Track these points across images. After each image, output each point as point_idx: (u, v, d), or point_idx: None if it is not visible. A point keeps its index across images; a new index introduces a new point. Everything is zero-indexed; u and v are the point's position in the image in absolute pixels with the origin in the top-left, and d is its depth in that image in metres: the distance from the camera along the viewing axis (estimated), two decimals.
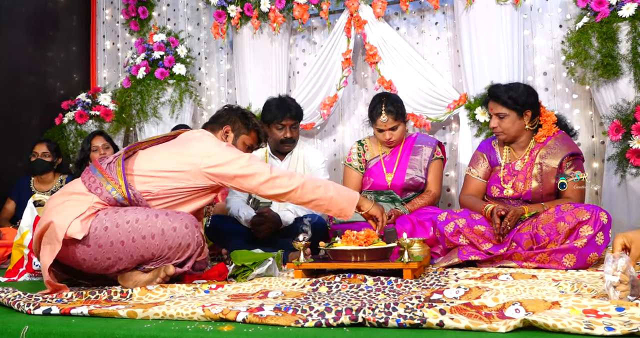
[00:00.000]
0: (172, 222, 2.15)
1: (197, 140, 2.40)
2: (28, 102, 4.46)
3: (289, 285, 2.13)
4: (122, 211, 2.17)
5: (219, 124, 2.57)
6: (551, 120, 2.75)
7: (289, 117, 3.21)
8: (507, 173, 2.79)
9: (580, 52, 3.29)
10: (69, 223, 2.09)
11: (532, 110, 2.74)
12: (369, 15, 3.85)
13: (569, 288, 1.82)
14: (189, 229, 2.17)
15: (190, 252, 2.20)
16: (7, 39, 4.32)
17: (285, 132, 3.22)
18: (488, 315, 1.44)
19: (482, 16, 3.56)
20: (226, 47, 4.56)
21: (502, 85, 2.82)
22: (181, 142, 2.44)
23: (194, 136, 2.46)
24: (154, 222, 2.13)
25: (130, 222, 2.13)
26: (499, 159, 2.85)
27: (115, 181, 2.22)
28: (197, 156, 2.29)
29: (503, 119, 2.73)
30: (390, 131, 3.15)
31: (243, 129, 2.58)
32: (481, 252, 2.52)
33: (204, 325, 1.51)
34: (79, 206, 2.16)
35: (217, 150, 2.32)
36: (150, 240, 2.13)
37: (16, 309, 1.88)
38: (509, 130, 2.74)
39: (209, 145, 2.35)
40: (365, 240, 2.29)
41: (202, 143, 2.37)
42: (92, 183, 2.24)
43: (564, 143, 2.72)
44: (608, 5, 3.21)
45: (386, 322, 1.42)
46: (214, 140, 2.42)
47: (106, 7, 5.05)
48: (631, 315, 1.36)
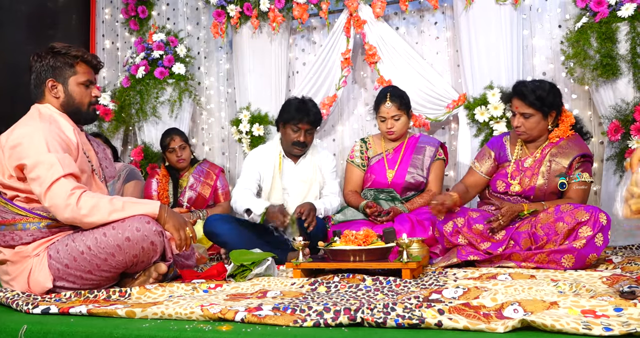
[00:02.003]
0: (122, 234, 2.05)
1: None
2: (27, 101, 4.45)
3: (288, 285, 2.13)
4: (71, 242, 2.09)
5: (40, 82, 2.24)
6: (569, 122, 2.72)
7: (306, 122, 3.16)
8: (515, 169, 2.77)
9: (579, 52, 3.29)
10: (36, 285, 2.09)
11: (557, 111, 2.71)
12: (368, 15, 3.85)
13: (568, 288, 1.82)
14: (141, 231, 2.07)
15: (160, 246, 2.14)
16: (6, 38, 4.31)
17: (299, 135, 3.17)
18: (486, 315, 1.44)
19: (481, 16, 3.56)
20: (225, 46, 4.56)
21: (528, 82, 2.73)
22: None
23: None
24: (106, 241, 2.06)
25: (85, 252, 2.06)
26: (508, 156, 2.83)
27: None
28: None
29: (528, 118, 2.67)
30: (392, 120, 3.17)
31: (67, 69, 2.24)
32: (480, 252, 2.52)
33: (202, 324, 1.51)
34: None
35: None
36: (113, 258, 2.08)
37: (15, 308, 1.88)
38: (532, 130, 2.70)
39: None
40: (364, 240, 2.29)
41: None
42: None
43: (576, 143, 2.70)
44: (607, 5, 3.21)
45: (384, 322, 1.42)
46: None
47: (106, 6, 5.04)
48: (629, 316, 1.37)
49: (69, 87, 2.24)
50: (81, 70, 2.26)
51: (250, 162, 3.30)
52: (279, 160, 3.27)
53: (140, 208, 2.12)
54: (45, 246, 2.13)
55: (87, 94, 2.29)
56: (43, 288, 2.09)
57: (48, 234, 2.14)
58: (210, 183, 3.86)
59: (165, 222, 2.16)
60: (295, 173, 3.27)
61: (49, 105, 2.25)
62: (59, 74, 2.23)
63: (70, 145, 2.17)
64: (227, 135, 4.60)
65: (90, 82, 2.29)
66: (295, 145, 3.20)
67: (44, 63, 2.22)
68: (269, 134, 4.17)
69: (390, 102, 3.16)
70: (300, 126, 3.16)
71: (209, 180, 3.87)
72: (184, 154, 3.81)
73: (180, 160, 3.81)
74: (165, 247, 2.18)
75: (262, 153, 3.32)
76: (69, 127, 2.23)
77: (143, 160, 4.38)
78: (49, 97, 2.25)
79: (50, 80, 2.23)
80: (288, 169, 3.28)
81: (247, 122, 4.15)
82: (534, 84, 2.70)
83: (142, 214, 2.10)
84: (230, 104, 4.59)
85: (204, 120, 4.70)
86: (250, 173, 3.24)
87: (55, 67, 2.23)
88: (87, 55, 2.27)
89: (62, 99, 2.25)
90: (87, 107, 2.30)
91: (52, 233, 2.15)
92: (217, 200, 3.91)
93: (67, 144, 2.15)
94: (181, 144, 3.80)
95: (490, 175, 2.87)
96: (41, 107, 2.25)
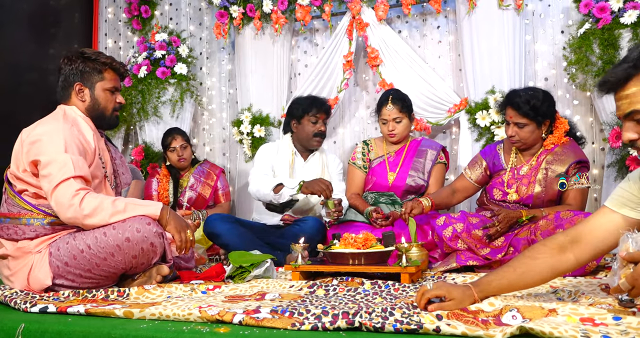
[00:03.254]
0: (122, 234, 2.06)
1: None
2: (29, 100, 4.46)
3: (287, 287, 2.13)
4: (72, 240, 2.10)
5: (67, 84, 2.31)
6: (563, 128, 2.72)
7: (323, 111, 3.30)
8: (511, 177, 2.78)
9: (581, 59, 3.29)
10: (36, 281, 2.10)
11: (551, 119, 2.71)
12: (371, 18, 3.85)
13: (567, 295, 1.81)
14: (141, 232, 2.07)
15: (160, 248, 2.15)
16: (8, 36, 4.31)
17: (319, 126, 3.29)
18: (485, 321, 1.44)
19: (484, 21, 3.56)
20: (228, 47, 4.56)
21: (522, 92, 2.71)
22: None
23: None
24: (105, 241, 2.06)
25: (84, 251, 2.07)
26: (503, 164, 2.84)
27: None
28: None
29: (522, 128, 2.68)
30: (394, 122, 3.20)
31: (95, 75, 2.31)
32: (479, 258, 2.52)
33: (200, 326, 1.51)
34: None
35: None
36: (112, 258, 2.08)
37: (13, 307, 1.88)
38: (526, 139, 2.70)
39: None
40: (364, 243, 2.29)
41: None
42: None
43: (572, 150, 2.70)
44: (610, 12, 3.21)
45: (383, 327, 1.42)
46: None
47: (109, 6, 5.04)
48: (628, 324, 1.36)
49: (95, 91, 2.31)
50: (108, 76, 2.33)
51: (264, 154, 3.37)
52: (291, 157, 3.33)
53: (142, 210, 2.13)
54: (47, 243, 2.14)
55: (112, 100, 2.36)
56: (42, 285, 2.09)
57: (51, 231, 2.15)
58: (210, 183, 3.87)
59: (167, 223, 2.17)
60: (304, 170, 3.34)
61: (75, 107, 2.31)
62: (87, 79, 2.30)
63: (87, 149, 2.22)
64: (228, 136, 4.60)
65: (116, 89, 2.37)
66: (317, 136, 3.29)
67: (74, 67, 2.30)
68: (270, 135, 4.17)
69: (392, 105, 3.19)
70: (319, 115, 3.28)
71: (209, 181, 3.87)
72: (185, 154, 3.82)
73: (181, 160, 3.81)
74: (165, 248, 2.18)
75: (275, 148, 3.40)
76: (89, 131, 2.28)
77: (144, 160, 4.38)
78: (75, 100, 2.31)
79: (78, 84, 2.30)
80: (299, 165, 3.35)
81: (248, 123, 4.15)
82: (528, 93, 2.68)
83: (143, 215, 2.11)
84: (231, 104, 4.59)
85: (205, 121, 4.70)
86: (266, 164, 3.31)
87: (84, 72, 2.30)
88: (115, 62, 2.35)
89: (88, 103, 2.32)
90: (110, 112, 2.37)
91: (55, 231, 2.16)
92: (217, 201, 3.91)
93: (84, 147, 2.20)
94: (183, 143, 3.81)
95: (480, 183, 2.89)
96: (67, 108, 2.31)
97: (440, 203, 2.86)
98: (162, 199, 3.78)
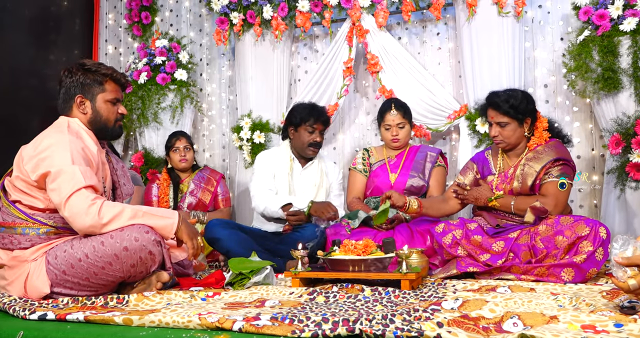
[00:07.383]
0: (120, 243, 2.05)
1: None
2: (29, 105, 4.46)
3: (286, 294, 2.12)
4: (69, 248, 2.09)
5: (68, 97, 2.30)
6: (542, 127, 2.77)
7: (320, 122, 3.32)
8: (500, 182, 2.80)
9: (581, 65, 3.29)
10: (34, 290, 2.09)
11: (532, 117, 2.75)
12: (371, 25, 3.86)
13: (568, 302, 1.81)
14: (139, 241, 2.06)
15: (158, 256, 2.13)
16: (8, 41, 4.32)
17: (315, 136, 3.30)
18: (486, 328, 1.43)
19: (483, 27, 3.57)
20: (228, 53, 4.57)
21: (500, 92, 2.80)
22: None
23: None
24: (103, 250, 2.05)
25: (82, 260, 2.06)
26: (492, 169, 2.87)
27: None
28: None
29: (504, 127, 2.74)
30: (397, 128, 3.28)
31: (96, 87, 2.29)
32: (479, 264, 2.51)
33: (200, 333, 1.50)
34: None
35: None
36: (110, 267, 2.07)
37: (11, 314, 1.87)
38: (509, 138, 2.75)
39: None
40: (364, 250, 2.28)
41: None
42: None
43: (553, 149, 2.71)
44: (609, 19, 3.22)
45: (383, 334, 1.41)
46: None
47: (109, 12, 5.06)
48: (629, 332, 1.36)
49: (97, 103, 2.30)
50: (109, 88, 2.32)
51: (263, 162, 3.39)
52: (290, 163, 3.35)
53: (161, 222, 2.14)
54: (44, 251, 2.13)
55: (114, 111, 2.34)
56: (40, 293, 2.08)
57: (46, 240, 2.15)
58: (210, 189, 3.87)
59: (181, 231, 2.18)
60: (303, 177, 3.37)
61: (77, 119, 2.30)
62: (88, 91, 2.29)
63: (92, 160, 2.21)
64: (227, 142, 4.61)
65: (117, 100, 2.35)
66: (311, 146, 3.32)
67: (74, 79, 2.28)
68: (269, 141, 4.17)
69: (395, 110, 3.28)
70: (315, 126, 3.30)
71: (209, 187, 3.87)
72: (188, 155, 3.85)
73: (183, 160, 3.82)
74: (164, 256, 2.18)
75: (273, 155, 3.43)
76: (93, 145, 2.27)
77: (143, 166, 4.38)
78: (77, 112, 2.30)
79: (79, 96, 2.28)
80: (297, 172, 3.38)
81: (248, 129, 4.15)
82: (506, 93, 2.77)
83: (150, 226, 2.12)
84: (231, 110, 4.60)
85: (205, 127, 4.70)
86: (266, 174, 3.34)
87: (84, 84, 2.28)
88: (116, 73, 2.33)
89: (90, 115, 2.31)
90: (113, 123, 2.36)
91: (51, 239, 2.15)
92: (217, 206, 3.91)
93: (89, 158, 2.19)
94: (186, 145, 3.85)
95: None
96: (70, 120, 2.29)
97: (429, 208, 2.84)
98: (162, 205, 3.79)
